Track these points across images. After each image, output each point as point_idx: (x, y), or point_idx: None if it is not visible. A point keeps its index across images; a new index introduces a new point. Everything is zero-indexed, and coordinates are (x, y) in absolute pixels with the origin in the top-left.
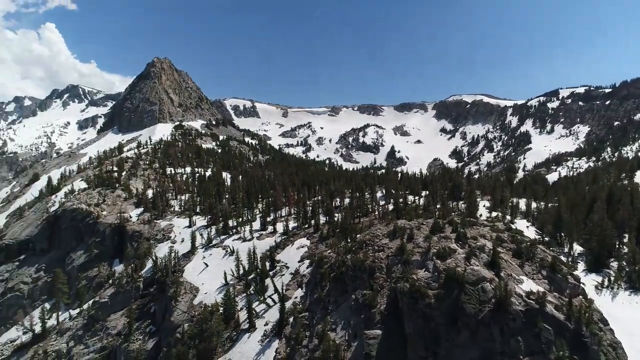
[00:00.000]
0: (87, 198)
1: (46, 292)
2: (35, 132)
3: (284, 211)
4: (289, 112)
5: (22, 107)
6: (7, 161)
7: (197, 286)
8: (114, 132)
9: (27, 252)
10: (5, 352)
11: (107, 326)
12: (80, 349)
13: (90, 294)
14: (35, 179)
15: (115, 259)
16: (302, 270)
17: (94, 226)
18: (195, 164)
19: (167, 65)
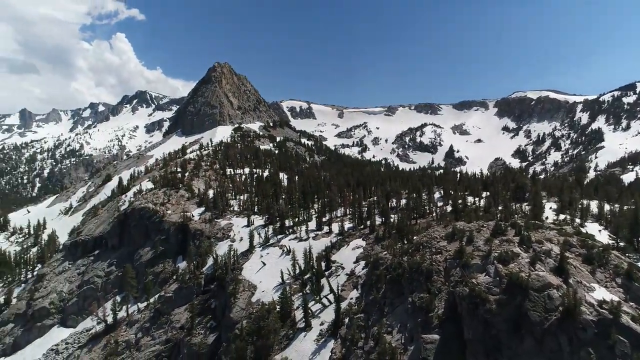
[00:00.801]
0: (154, 198)
1: (117, 285)
2: (108, 136)
3: (339, 211)
4: (344, 113)
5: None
6: (83, 163)
7: (255, 284)
8: (178, 135)
9: (100, 248)
10: (82, 339)
11: (172, 320)
12: (147, 340)
13: (156, 288)
14: (107, 179)
15: (179, 255)
16: (357, 271)
17: (159, 224)
18: (254, 164)
19: (227, 70)
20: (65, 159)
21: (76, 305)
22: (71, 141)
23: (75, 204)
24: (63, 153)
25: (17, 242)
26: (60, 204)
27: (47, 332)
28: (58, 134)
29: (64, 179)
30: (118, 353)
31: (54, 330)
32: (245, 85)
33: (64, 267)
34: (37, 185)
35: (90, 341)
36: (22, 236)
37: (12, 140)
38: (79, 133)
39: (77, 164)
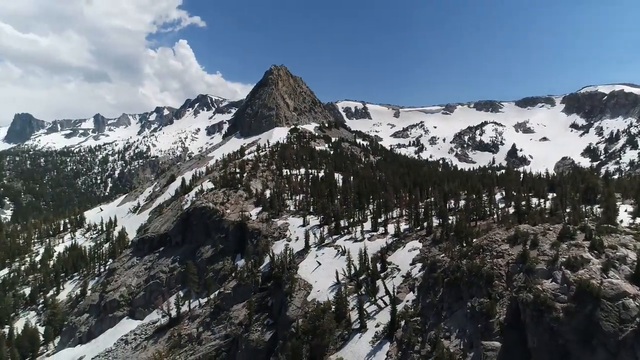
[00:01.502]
0: (214, 197)
1: (180, 281)
2: (172, 138)
3: (395, 212)
4: (400, 112)
5: (162, 117)
6: (150, 164)
7: (310, 283)
8: (236, 137)
9: (165, 245)
10: (148, 331)
11: (231, 316)
12: (208, 334)
13: (216, 285)
14: (171, 180)
15: (238, 254)
16: (413, 273)
17: (219, 223)
18: (309, 165)
19: (283, 72)
20: (134, 160)
21: (143, 298)
22: (139, 144)
23: (142, 203)
24: (132, 155)
25: (91, 238)
26: (129, 203)
27: (118, 322)
28: (127, 137)
29: (133, 179)
30: (181, 346)
31: (124, 321)
32: (300, 86)
33: (133, 262)
34: (109, 185)
35: (156, 333)
36: (96, 232)
37: (87, 144)
38: (145, 136)
39: (144, 165)
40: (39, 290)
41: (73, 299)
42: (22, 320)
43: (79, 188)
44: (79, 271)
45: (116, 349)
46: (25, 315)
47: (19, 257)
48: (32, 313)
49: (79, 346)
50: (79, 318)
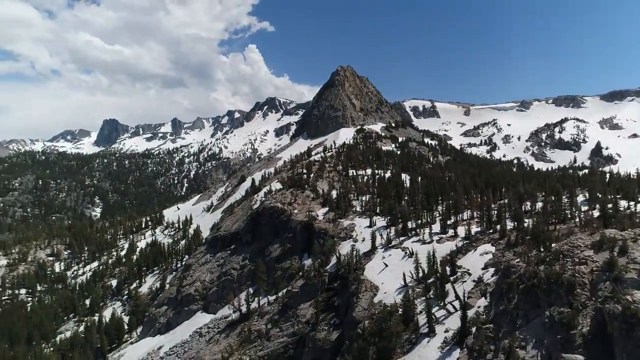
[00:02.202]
0: (282, 197)
1: (250, 278)
2: (242, 140)
3: (465, 214)
4: (471, 110)
5: (233, 120)
6: (222, 165)
7: (377, 285)
8: (303, 138)
9: (236, 243)
10: (220, 325)
11: (298, 314)
12: (276, 331)
13: (284, 283)
14: (242, 180)
15: (305, 253)
16: (485, 278)
17: (287, 223)
18: (376, 165)
19: (349, 73)
20: (207, 161)
21: (216, 294)
22: (212, 146)
23: (215, 203)
24: (205, 156)
25: (169, 235)
26: (203, 202)
27: (193, 316)
28: (202, 140)
29: (207, 179)
30: (251, 341)
31: (198, 315)
32: (367, 86)
33: (206, 259)
34: (185, 185)
35: (228, 327)
36: (173, 230)
37: (165, 146)
38: (218, 138)
39: (217, 166)
40: (124, 283)
41: (153, 292)
42: (109, 310)
43: (159, 188)
44: (158, 266)
45: (191, 340)
46: (112, 305)
47: (107, 252)
48: (118, 303)
49: (159, 336)
50: (159, 310)
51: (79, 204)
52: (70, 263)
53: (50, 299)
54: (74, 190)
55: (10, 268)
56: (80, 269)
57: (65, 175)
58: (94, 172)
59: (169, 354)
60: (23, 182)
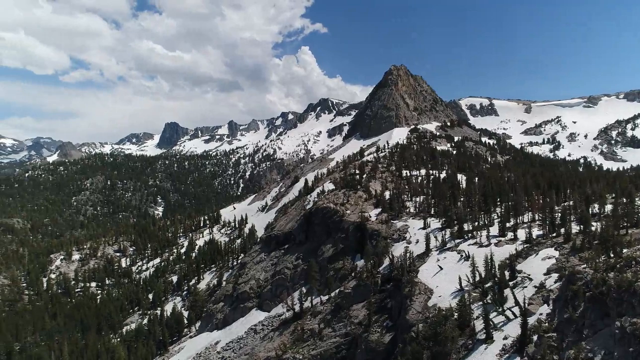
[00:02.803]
0: (334, 198)
1: (303, 277)
2: (295, 141)
3: (526, 217)
4: (532, 107)
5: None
6: (276, 166)
7: (431, 288)
8: (356, 138)
9: (290, 243)
10: (274, 323)
11: (350, 315)
12: (329, 331)
13: (337, 283)
14: (295, 181)
15: (357, 254)
16: (548, 284)
17: (339, 223)
18: (430, 166)
19: (402, 72)
20: (262, 162)
21: (270, 292)
22: (266, 147)
23: (269, 203)
24: (260, 157)
25: (226, 234)
26: (258, 202)
27: (248, 313)
28: (256, 141)
29: (261, 180)
30: (304, 340)
31: (253, 312)
32: (421, 85)
33: (261, 257)
34: (241, 185)
35: (281, 325)
36: (230, 229)
37: (222, 148)
38: (272, 139)
39: (271, 167)
40: (183, 279)
41: (211, 288)
42: (170, 304)
43: (216, 188)
44: (215, 263)
45: (246, 337)
46: (173, 299)
47: (168, 249)
48: (178, 298)
49: (216, 331)
50: (216, 306)
51: (143, 203)
52: (135, 259)
53: (117, 292)
54: (138, 190)
55: (83, 262)
56: (144, 264)
57: (130, 176)
58: (157, 173)
59: (225, 349)
60: (94, 183)
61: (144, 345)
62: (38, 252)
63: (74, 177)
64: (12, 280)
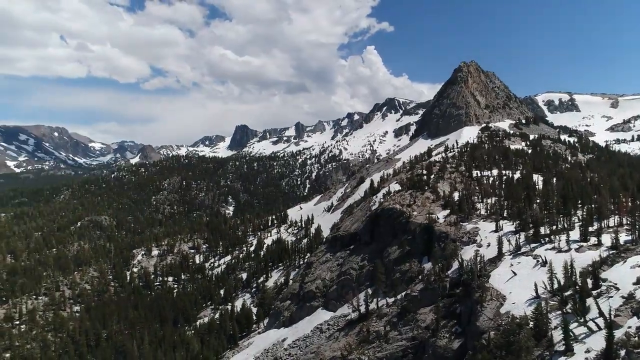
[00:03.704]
0: (401, 199)
1: (369, 278)
2: (361, 142)
3: (611, 221)
4: (619, 102)
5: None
6: (341, 166)
7: (503, 294)
8: (423, 138)
9: (355, 243)
10: (340, 323)
11: (417, 318)
12: (395, 334)
13: (403, 286)
14: (361, 181)
15: (424, 256)
16: (638, 295)
17: (406, 225)
18: (502, 166)
19: (473, 68)
20: (328, 163)
21: (335, 292)
22: (332, 148)
23: (335, 203)
24: (326, 158)
25: (292, 234)
26: (324, 203)
27: (314, 312)
28: (322, 142)
29: (327, 180)
30: (369, 341)
31: (319, 311)
32: (493, 81)
33: (327, 257)
34: (307, 186)
35: (347, 326)
36: (296, 229)
37: (289, 149)
38: (338, 140)
39: (336, 167)
40: (252, 276)
41: (278, 286)
42: (240, 300)
43: (283, 188)
44: (282, 262)
45: (312, 335)
46: (243, 296)
47: (238, 247)
48: (247, 295)
49: (283, 328)
50: (283, 304)
51: (215, 202)
52: (208, 256)
53: (192, 287)
54: (211, 190)
55: (161, 258)
56: (216, 261)
57: (204, 177)
58: (228, 174)
59: (292, 346)
60: (171, 183)
61: (215, 338)
62: (122, 248)
63: (153, 178)
64: (101, 273)
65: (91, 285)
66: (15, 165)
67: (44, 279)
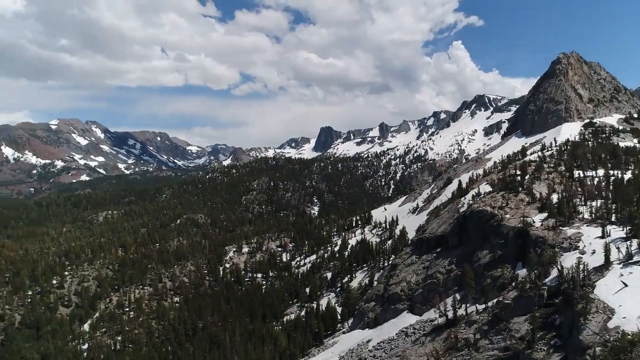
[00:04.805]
0: (492, 201)
1: (456, 283)
2: (448, 141)
3: None
4: None
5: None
6: (427, 167)
7: (612, 307)
8: (517, 136)
9: (442, 246)
10: (426, 328)
11: (510, 328)
12: (485, 343)
13: (494, 292)
14: (448, 182)
15: (518, 262)
16: None
17: (497, 228)
18: (610, 165)
19: (574, 60)
20: (413, 164)
21: (421, 296)
22: (417, 148)
23: (420, 204)
24: (411, 159)
25: (377, 235)
26: (409, 204)
27: (399, 315)
28: (407, 142)
29: (412, 181)
30: (458, 349)
31: (404, 314)
32: (597, 73)
33: (412, 260)
34: (392, 187)
35: (433, 331)
36: (380, 230)
37: (373, 150)
38: (424, 140)
39: (422, 168)
40: (337, 276)
41: (362, 287)
42: (325, 299)
43: (367, 189)
44: (367, 263)
45: (397, 338)
46: (327, 295)
47: (323, 246)
48: (332, 294)
49: (367, 329)
50: (367, 305)
51: (300, 202)
52: (294, 254)
53: (279, 284)
54: (297, 191)
55: (250, 255)
56: (302, 260)
57: (290, 178)
58: (313, 175)
59: (376, 348)
60: (259, 183)
61: (301, 335)
62: (216, 244)
63: (243, 179)
64: (197, 267)
65: (189, 278)
66: (125, 168)
67: (148, 271)
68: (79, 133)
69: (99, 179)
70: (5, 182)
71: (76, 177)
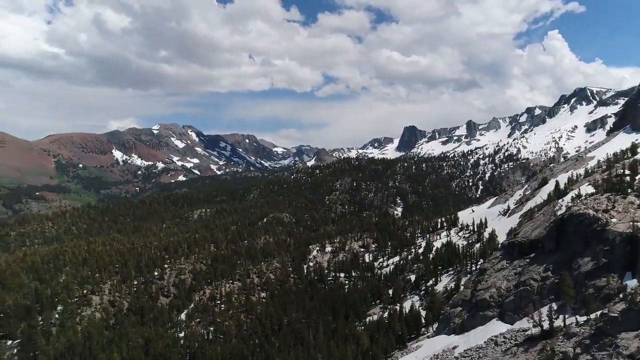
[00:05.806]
0: (595, 203)
1: (553, 292)
2: (544, 139)
3: None
4: None
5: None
6: (520, 166)
7: None
8: (625, 132)
9: (536, 251)
10: (518, 338)
11: (618, 344)
12: (587, 358)
13: (597, 304)
14: (543, 183)
15: (627, 271)
16: None
17: (601, 233)
18: None
19: None
20: (503, 163)
21: (512, 303)
22: (509, 146)
23: (512, 206)
24: (501, 158)
25: (463, 237)
26: (499, 206)
27: (488, 322)
28: (497, 141)
29: (502, 182)
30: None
31: (493, 322)
32: None
33: (502, 265)
34: (480, 187)
35: (526, 342)
36: (468, 232)
37: (460, 149)
38: (516, 138)
39: (514, 167)
40: (421, 279)
41: (448, 291)
42: (408, 302)
43: (453, 190)
44: (452, 266)
45: (486, 347)
46: (411, 297)
47: (407, 248)
48: (415, 297)
49: (453, 335)
50: (453, 310)
51: (383, 203)
52: (376, 255)
53: (362, 284)
54: (379, 191)
55: (333, 254)
56: (385, 261)
57: (372, 178)
58: (396, 175)
59: (463, 355)
60: (342, 184)
61: (384, 337)
62: (300, 243)
63: (326, 179)
64: (282, 264)
65: (274, 275)
66: (217, 169)
67: (238, 266)
68: (176, 137)
69: (194, 179)
70: (116, 183)
71: (174, 177)
